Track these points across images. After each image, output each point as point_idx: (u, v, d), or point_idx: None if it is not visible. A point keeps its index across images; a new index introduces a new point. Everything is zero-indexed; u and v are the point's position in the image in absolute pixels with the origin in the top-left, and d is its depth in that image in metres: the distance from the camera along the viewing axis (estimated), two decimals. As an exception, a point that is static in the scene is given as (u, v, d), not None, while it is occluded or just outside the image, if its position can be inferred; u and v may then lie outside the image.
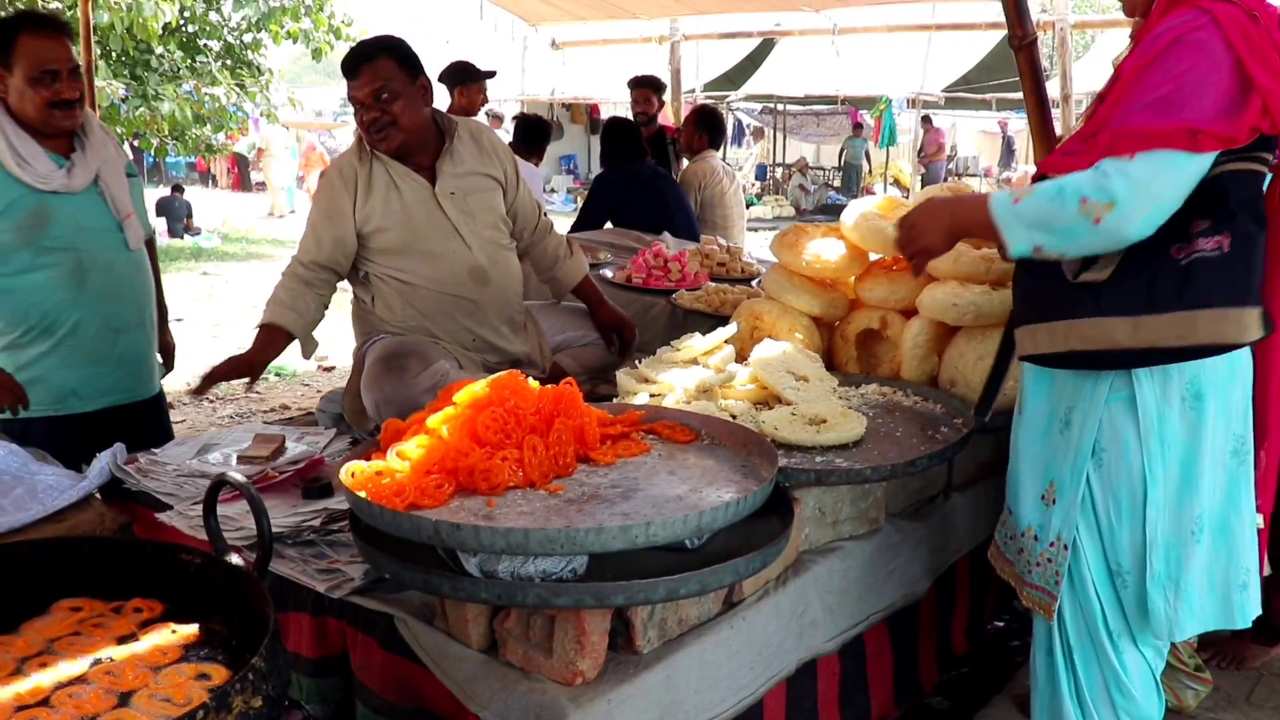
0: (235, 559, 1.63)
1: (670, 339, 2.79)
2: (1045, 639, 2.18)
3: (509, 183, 3.17)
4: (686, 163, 6.16)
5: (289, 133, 20.54)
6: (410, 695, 1.94)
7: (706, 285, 4.09)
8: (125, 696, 1.38)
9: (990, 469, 2.77)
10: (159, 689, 1.39)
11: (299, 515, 2.34)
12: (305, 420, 3.33)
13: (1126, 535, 2.01)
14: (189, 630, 1.54)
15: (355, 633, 2.03)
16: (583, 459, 1.98)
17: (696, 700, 1.90)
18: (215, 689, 1.36)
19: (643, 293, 4.11)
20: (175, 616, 1.58)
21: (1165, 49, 1.82)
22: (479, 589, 1.67)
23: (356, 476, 1.81)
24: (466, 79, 5.71)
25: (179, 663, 1.46)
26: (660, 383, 2.51)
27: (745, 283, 4.34)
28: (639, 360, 2.72)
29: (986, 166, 23.15)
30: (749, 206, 15.64)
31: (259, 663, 1.33)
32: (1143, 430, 1.95)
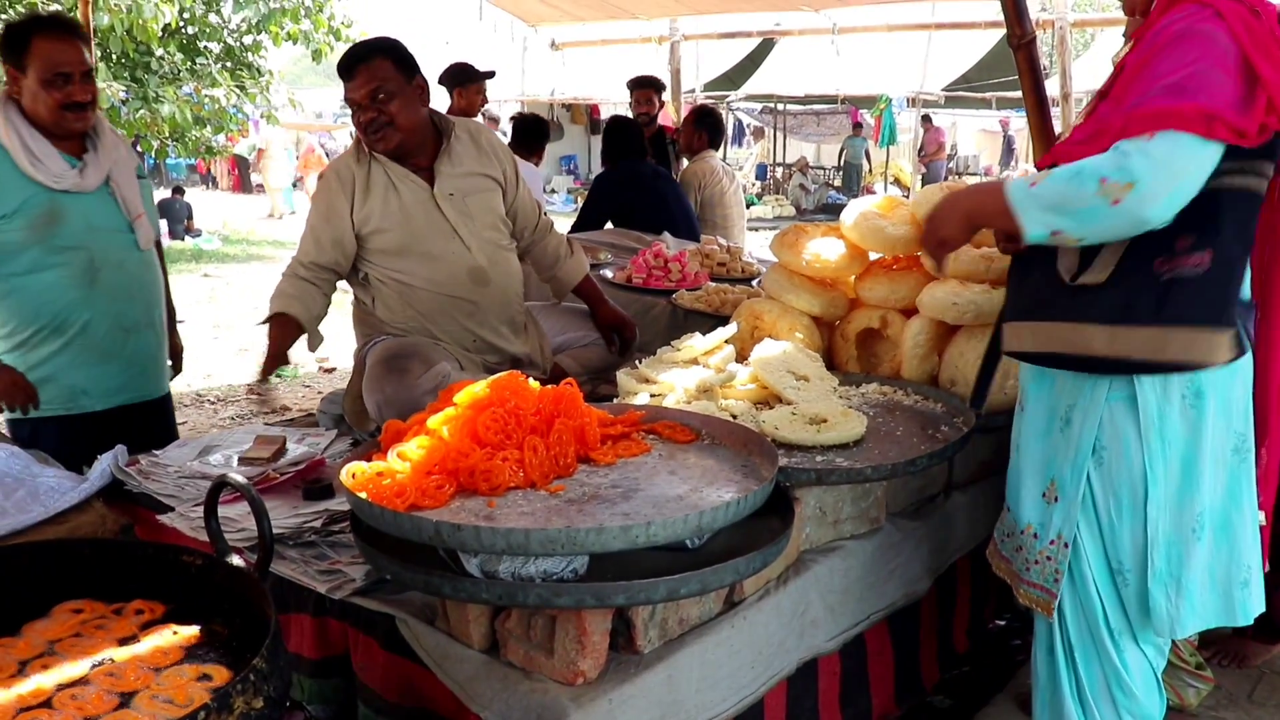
0: (236, 560, 1.64)
1: (671, 339, 2.79)
2: (1046, 637, 2.18)
3: (508, 183, 3.17)
4: (686, 163, 6.16)
5: (288, 134, 20.56)
6: (412, 696, 1.94)
7: (707, 285, 4.09)
8: (127, 697, 1.38)
9: (991, 468, 2.77)
10: (160, 690, 1.39)
11: (300, 516, 2.34)
12: (306, 421, 3.33)
13: (1127, 533, 2.01)
14: (190, 631, 1.54)
15: (356, 633, 2.04)
16: (583, 459, 1.98)
17: (698, 700, 1.90)
18: (217, 690, 1.37)
19: (643, 293, 4.11)
20: (177, 618, 1.58)
21: (1174, 40, 1.81)
22: (480, 589, 1.68)
23: (357, 477, 1.81)
24: (465, 80, 5.71)
25: (180, 664, 1.46)
26: (661, 383, 2.51)
27: (745, 282, 4.34)
28: (639, 360, 2.72)
29: (987, 165, 23.17)
30: (749, 206, 15.65)
31: (260, 663, 1.34)
32: (1143, 428, 1.95)
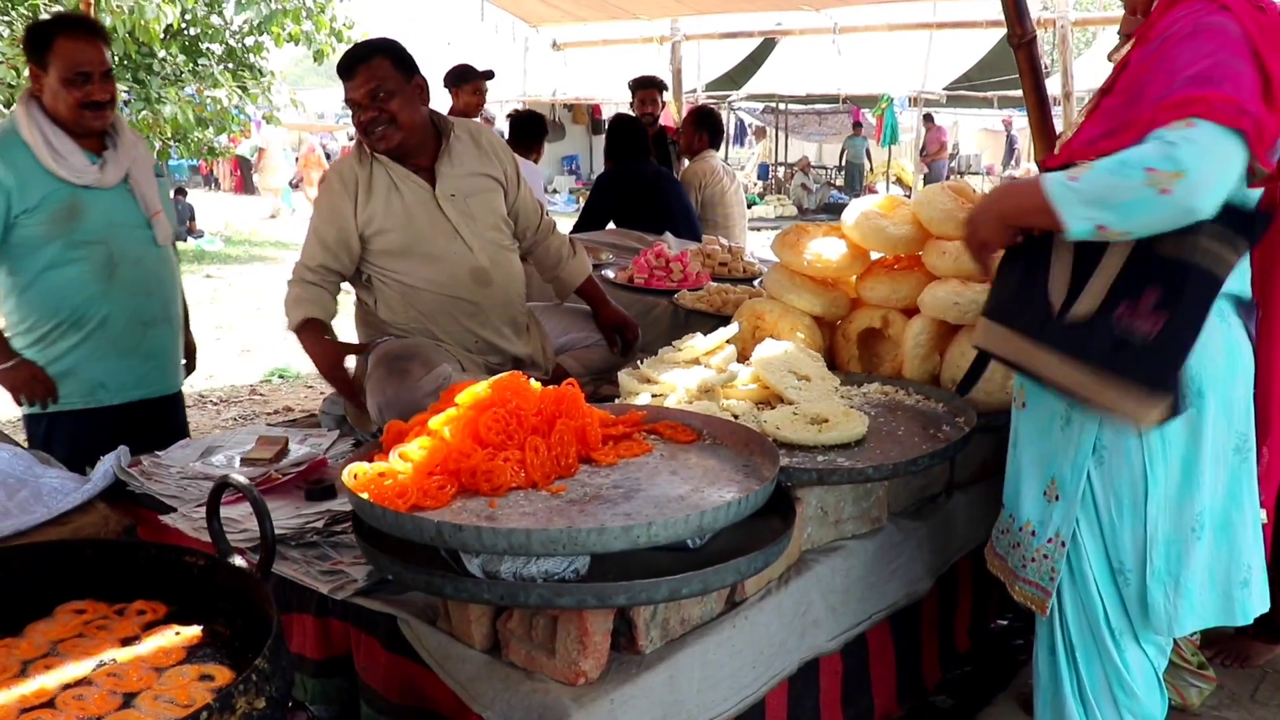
0: (239, 561, 1.64)
1: (672, 339, 2.79)
2: (1048, 637, 2.18)
3: (509, 183, 3.17)
4: (687, 163, 6.16)
5: (289, 135, 20.56)
6: (414, 696, 1.94)
7: (708, 285, 4.09)
8: (129, 698, 1.38)
9: (992, 468, 2.76)
10: (163, 690, 1.39)
11: (302, 517, 2.34)
12: (308, 422, 3.33)
13: (1128, 533, 2.01)
14: (192, 632, 1.54)
15: (359, 634, 2.04)
16: (585, 459, 1.98)
17: (699, 700, 1.90)
18: (219, 690, 1.37)
19: (645, 293, 4.11)
20: (179, 618, 1.59)
21: (1188, 34, 1.79)
22: (481, 590, 1.68)
23: (359, 478, 1.81)
24: (461, 80, 5.78)
25: (182, 664, 1.47)
26: (662, 383, 2.51)
27: (747, 282, 4.34)
28: (641, 361, 2.72)
29: (989, 164, 23.16)
30: (751, 206, 15.65)
31: (262, 664, 1.34)
32: (1144, 428, 1.95)
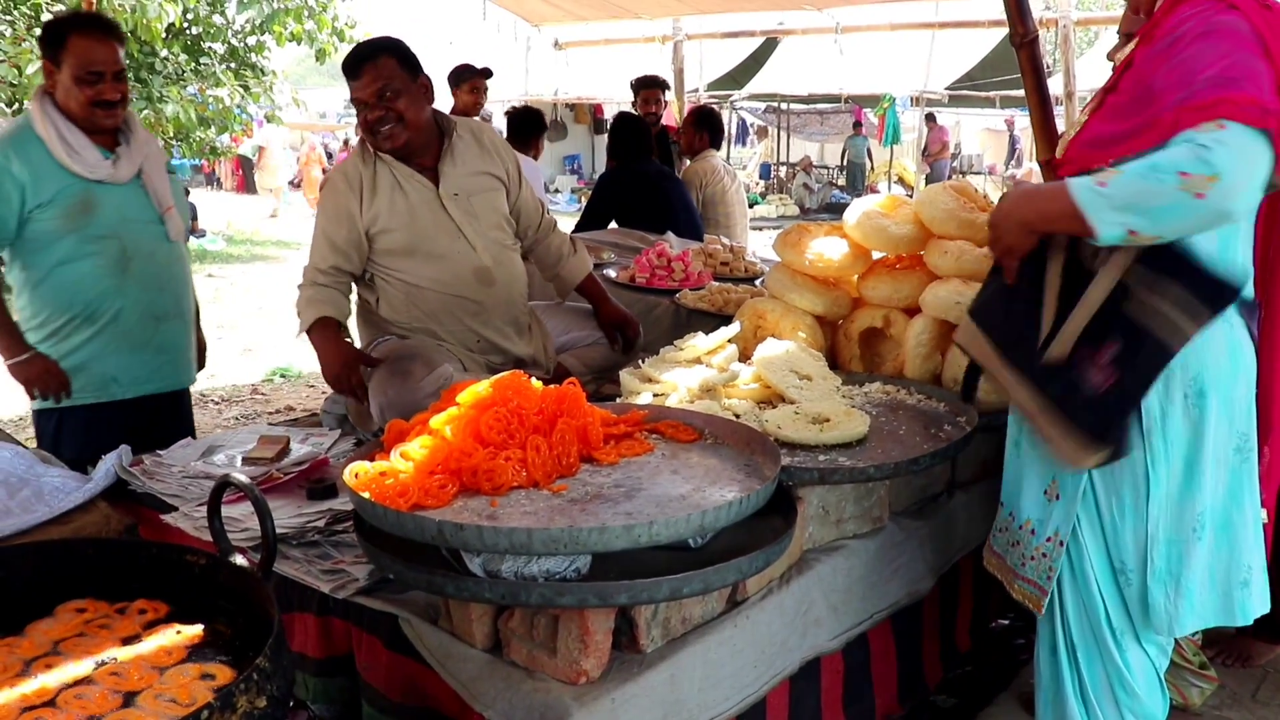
0: (240, 560, 1.64)
1: (674, 338, 2.79)
2: (1049, 637, 2.18)
3: (511, 182, 3.18)
4: (688, 163, 6.16)
5: (290, 134, 20.54)
6: (415, 695, 1.94)
7: (710, 285, 4.09)
8: (130, 697, 1.38)
9: (993, 467, 2.75)
10: (164, 689, 1.39)
11: (304, 516, 2.34)
12: (310, 422, 3.33)
13: (1130, 533, 2.00)
14: (194, 631, 1.54)
15: (360, 633, 2.04)
16: (586, 459, 1.98)
17: (700, 699, 1.90)
18: (220, 689, 1.37)
19: (646, 292, 4.11)
20: (180, 618, 1.58)
21: (1201, 34, 1.78)
22: (483, 589, 1.68)
23: (360, 477, 1.81)
24: (459, 79, 5.80)
25: (184, 663, 1.47)
26: (664, 382, 2.51)
27: (749, 282, 4.34)
28: (642, 360, 2.72)
29: (991, 164, 23.12)
30: (753, 206, 15.62)
31: (263, 663, 1.34)
32: (1145, 428, 1.94)
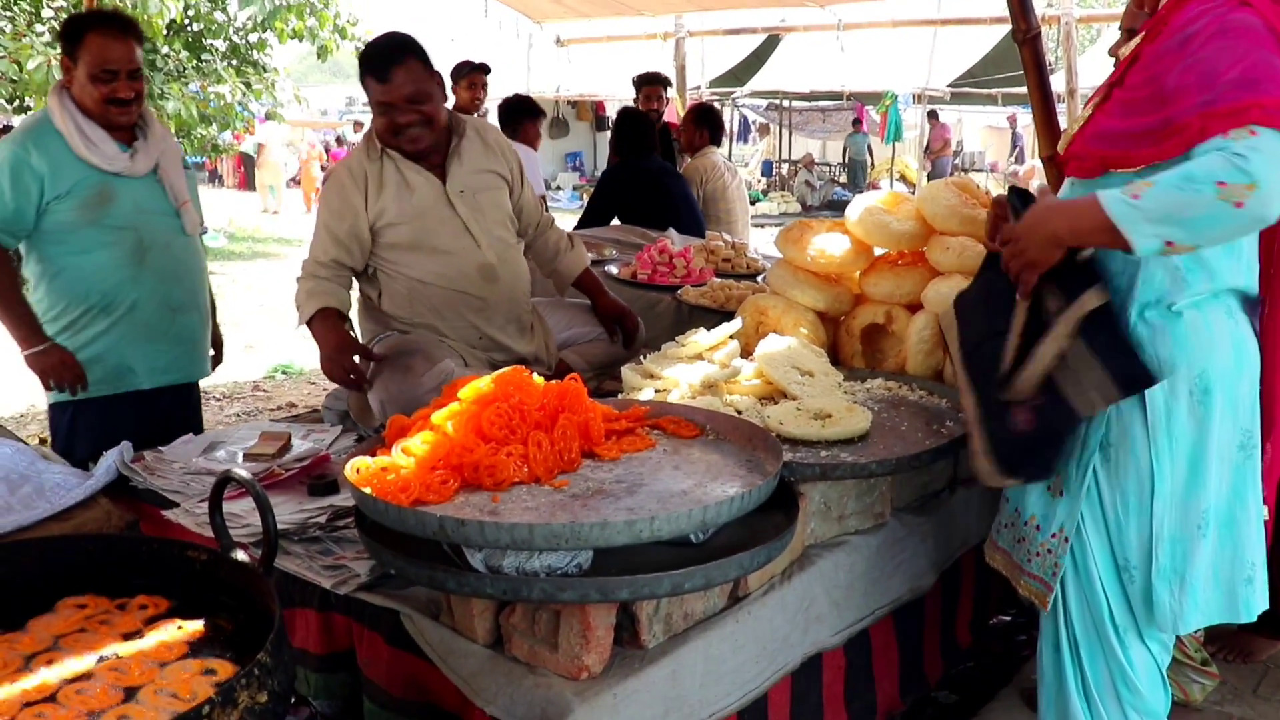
0: (241, 555, 1.64)
1: (675, 335, 2.79)
2: (1052, 634, 2.17)
3: (514, 180, 3.18)
4: (689, 159, 6.15)
5: (291, 131, 20.52)
6: (416, 690, 1.94)
7: (712, 281, 4.08)
8: (131, 692, 1.39)
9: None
10: (165, 684, 1.39)
11: (305, 512, 2.34)
12: (311, 418, 3.33)
13: (1134, 530, 2.00)
14: (195, 626, 1.54)
15: (361, 628, 2.04)
16: (588, 454, 1.98)
17: (702, 694, 1.90)
18: (221, 684, 1.37)
19: (648, 289, 4.10)
20: (181, 613, 1.59)
21: (1216, 33, 1.77)
22: (484, 584, 1.68)
23: (362, 473, 1.81)
24: (459, 75, 5.80)
25: (185, 658, 1.47)
26: (665, 378, 2.51)
27: (750, 278, 4.33)
28: (644, 356, 2.72)
29: (993, 162, 23.09)
30: (755, 203, 15.62)
31: (264, 658, 1.34)
32: (1150, 425, 1.94)
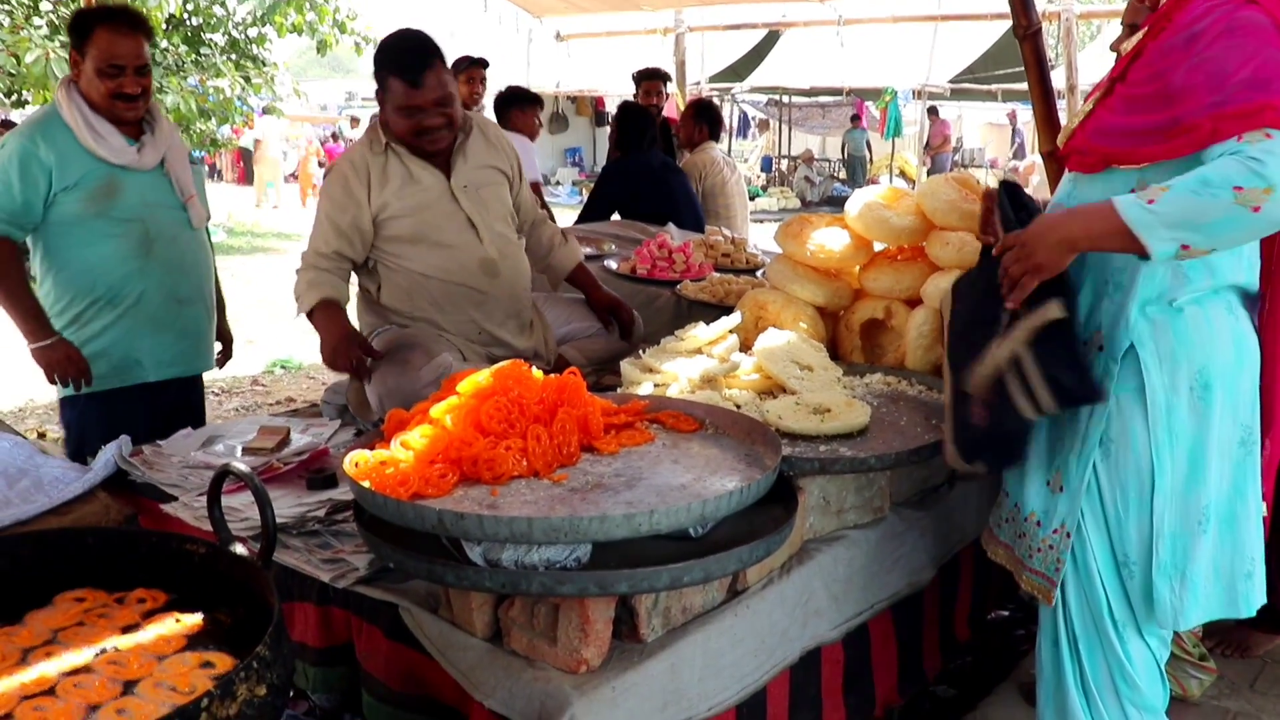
0: (240, 549, 1.64)
1: (675, 329, 2.79)
2: (1051, 629, 2.17)
3: (514, 176, 3.19)
4: (688, 155, 6.14)
5: (292, 126, 20.48)
6: (415, 684, 1.94)
7: (711, 276, 4.08)
8: (130, 685, 1.38)
9: (995, 458, 2.76)
10: (164, 677, 1.39)
11: (304, 506, 2.34)
12: (310, 412, 3.33)
13: (1133, 525, 2.00)
14: (193, 620, 1.54)
15: (360, 622, 2.04)
16: (587, 448, 1.98)
17: (700, 688, 1.90)
18: (220, 677, 1.37)
19: (647, 283, 4.10)
20: (180, 607, 1.58)
21: (1223, 31, 1.76)
22: (483, 578, 1.68)
23: (360, 466, 1.81)
24: (457, 69, 5.78)
25: (183, 652, 1.47)
26: (664, 372, 2.51)
27: (750, 273, 4.33)
28: (643, 350, 2.72)
29: (993, 158, 23.09)
30: (754, 199, 15.62)
31: (263, 651, 1.34)
32: (1151, 420, 1.94)
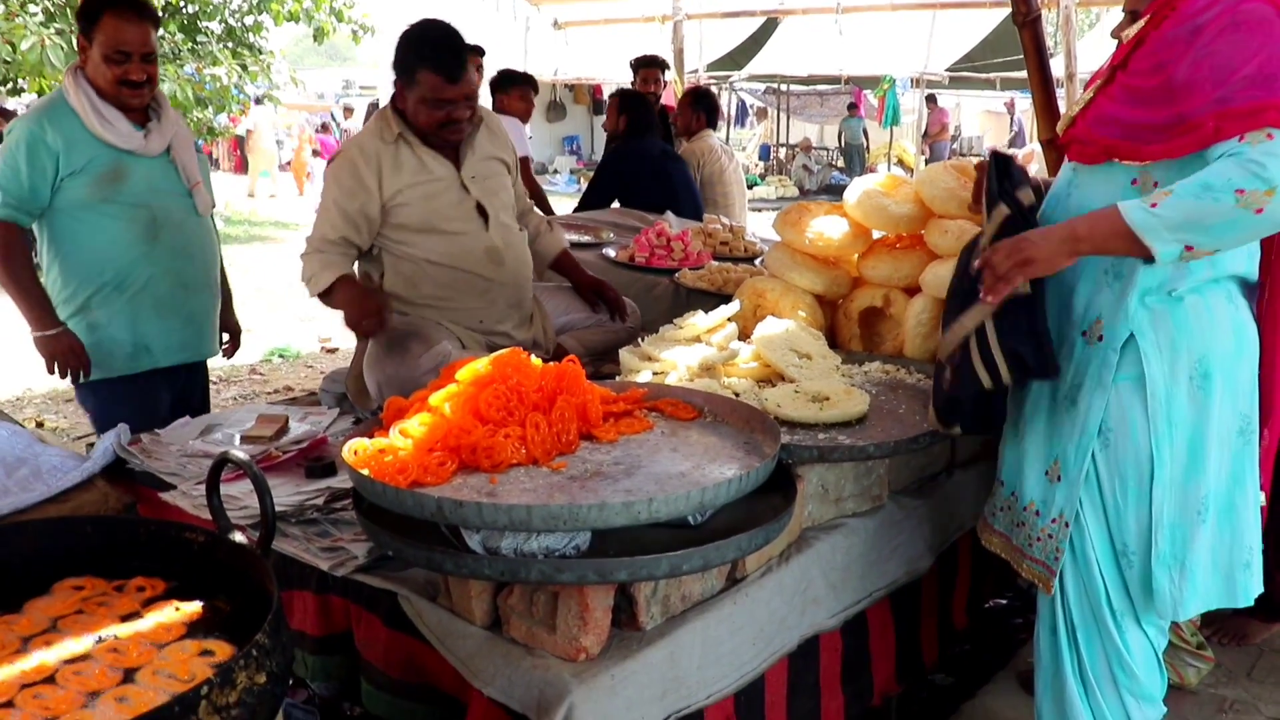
0: (239, 537, 1.64)
1: (673, 318, 2.79)
2: (1049, 617, 2.18)
3: (513, 167, 3.22)
4: (685, 143, 6.12)
5: (290, 114, 20.39)
6: (414, 672, 1.94)
7: (709, 264, 4.07)
8: (130, 673, 1.38)
9: (992, 447, 2.75)
10: (163, 665, 1.39)
11: (302, 494, 2.34)
12: (308, 401, 3.32)
13: (1132, 515, 2.00)
14: (192, 608, 1.54)
15: (359, 610, 2.04)
16: (586, 436, 1.98)
17: (699, 676, 1.90)
18: (219, 665, 1.37)
19: (646, 271, 4.10)
20: (179, 595, 1.58)
21: (1228, 25, 1.76)
22: (482, 566, 1.68)
23: (359, 454, 1.81)
24: None
25: (183, 640, 1.46)
26: (663, 361, 2.51)
27: (748, 261, 4.32)
28: (642, 339, 2.72)
29: (991, 146, 23.02)
30: (752, 187, 15.59)
31: (263, 639, 1.34)
32: (1150, 410, 1.94)
